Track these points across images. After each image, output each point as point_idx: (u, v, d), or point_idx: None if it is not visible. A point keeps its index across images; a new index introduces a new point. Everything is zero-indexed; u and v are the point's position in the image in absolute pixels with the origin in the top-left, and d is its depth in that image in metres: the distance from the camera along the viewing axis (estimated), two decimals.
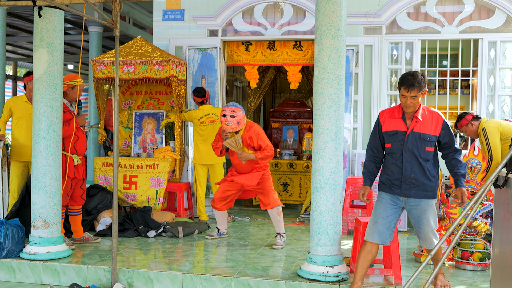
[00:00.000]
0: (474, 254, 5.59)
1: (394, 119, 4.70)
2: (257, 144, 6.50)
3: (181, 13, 8.88)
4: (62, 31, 5.85)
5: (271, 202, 6.57)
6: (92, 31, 12.24)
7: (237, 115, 6.45)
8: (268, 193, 6.59)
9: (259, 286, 5.06)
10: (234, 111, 6.45)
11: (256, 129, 6.57)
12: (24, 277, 5.55)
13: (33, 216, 5.73)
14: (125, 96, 9.09)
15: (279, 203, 6.61)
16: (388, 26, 8.27)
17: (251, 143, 6.53)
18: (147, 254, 6.10)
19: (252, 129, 6.55)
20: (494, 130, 6.44)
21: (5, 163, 6.88)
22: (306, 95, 12.26)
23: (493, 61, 8.04)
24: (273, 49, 8.80)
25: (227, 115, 6.45)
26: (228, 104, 6.57)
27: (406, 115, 4.67)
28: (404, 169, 4.55)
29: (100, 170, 8.26)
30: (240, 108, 6.50)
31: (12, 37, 15.00)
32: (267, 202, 6.59)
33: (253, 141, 6.51)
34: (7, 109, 6.97)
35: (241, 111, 6.50)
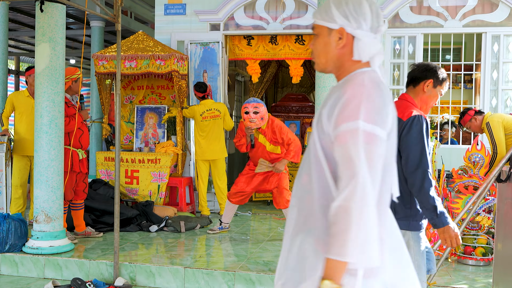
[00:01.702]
0: (477, 249, 5.58)
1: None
2: (280, 137, 6.45)
3: (183, 7, 8.85)
4: (64, 26, 5.83)
5: (284, 202, 6.52)
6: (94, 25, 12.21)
7: (260, 110, 6.39)
8: (282, 193, 6.54)
9: (261, 280, 5.06)
10: (256, 107, 6.39)
11: (279, 124, 6.53)
12: (26, 271, 5.56)
13: (35, 211, 5.73)
14: (126, 90, 9.08)
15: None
16: (391, 20, 8.24)
17: (273, 138, 6.49)
18: (149, 249, 6.11)
19: (275, 123, 6.50)
20: (498, 124, 6.42)
21: (9, 157, 6.89)
22: (308, 89, 12.24)
23: (497, 55, 8.01)
24: (275, 43, 8.77)
25: (250, 112, 6.37)
26: (249, 100, 6.50)
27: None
28: None
29: (102, 165, 8.27)
30: (262, 104, 6.45)
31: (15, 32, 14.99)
32: (280, 202, 6.56)
33: (277, 134, 6.46)
34: (9, 104, 6.98)
35: (263, 106, 6.43)
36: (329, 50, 2.02)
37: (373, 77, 1.96)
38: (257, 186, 6.62)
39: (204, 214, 7.95)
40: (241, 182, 6.66)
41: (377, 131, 1.84)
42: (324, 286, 1.77)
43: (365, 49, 1.97)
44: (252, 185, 6.61)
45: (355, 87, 1.90)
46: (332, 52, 2.02)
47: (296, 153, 6.42)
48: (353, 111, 1.83)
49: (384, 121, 1.88)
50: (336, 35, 2.00)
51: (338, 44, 1.99)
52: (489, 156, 5.73)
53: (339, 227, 1.77)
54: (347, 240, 1.75)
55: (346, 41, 1.99)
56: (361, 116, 1.82)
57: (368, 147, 1.82)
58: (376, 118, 1.85)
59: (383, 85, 1.96)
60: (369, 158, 1.82)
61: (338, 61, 2.03)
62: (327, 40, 2.02)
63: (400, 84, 8.24)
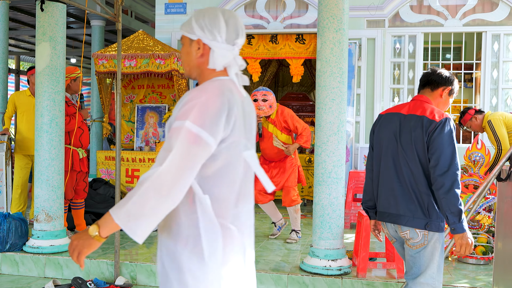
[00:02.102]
0: (477, 248, 5.59)
1: None
2: (293, 125, 6.46)
3: (183, 7, 8.86)
4: (64, 25, 5.84)
5: (289, 201, 6.52)
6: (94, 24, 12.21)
7: (268, 98, 6.38)
8: (289, 192, 6.51)
9: (261, 279, 5.06)
10: (265, 95, 6.38)
11: (290, 112, 6.53)
12: (27, 270, 5.56)
13: (36, 210, 5.74)
14: (127, 90, 9.08)
15: (298, 202, 6.56)
16: (391, 19, 8.24)
17: (286, 126, 6.49)
18: (149, 248, 6.11)
19: (286, 112, 6.50)
20: (499, 121, 6.45)
21: (9, 157, 6.89)
22: (309, 88, 12.23)
23: (497, 54, 8.01)
24: (275, 42, 8.77)
25: (259, 99, 6.37)
26: (258, 88, 6.50)
27: None
28: None
29: (103, 164, 8.27)
30: (270, 92, 6.44)
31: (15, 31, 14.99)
32: (286, 201, 6.54)
33: (289, 124, 6.46)
34: (11, 104, 6.99)
35: (271, 95, 6.43)
36: (191, 59, 2.24)
37: (222, 86, 2.11)
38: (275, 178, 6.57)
39: None
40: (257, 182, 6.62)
41: (202, 135, 1.99)
42: (90, 231, 2.02)
43: (218, 59, 2.17)
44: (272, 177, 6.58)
45: (197, 92, 2.07)
46: (193, 61, 2.23)
47: (307, 138, 6.42)
48: (186, 112, 2.01)
49: (214, 128, 2.02)
50: (195, 45, 2.21)
51: (197, 54, 2.20)
52: (489, 155, 5.74)
53: (129, 194, 2.02)
54: (125, 205, 1.99)
55: (203, 51, 2.19)
56: (190, 118, 1.99)
57: (188, 145, 1.99)
58: (205, 123, 2.00)
59: (231, 94, 2.11)
60: (184, 155, 1.98)
61: (198, 68, 2.23)
62: (189, 49, 2.24)
63: (400, 83, 8.24)
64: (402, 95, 8.23)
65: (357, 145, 8.23)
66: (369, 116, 8.30)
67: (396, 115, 3.43)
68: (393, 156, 3.37)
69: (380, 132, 3.49)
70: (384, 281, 4.88)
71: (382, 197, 3.44)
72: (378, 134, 3.50)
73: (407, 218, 3.27)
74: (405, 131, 3.32)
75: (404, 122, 3.35)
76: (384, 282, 4.87)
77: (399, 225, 3.33)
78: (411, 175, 3.27)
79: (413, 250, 3.31)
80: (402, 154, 3.31)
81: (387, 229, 3.49)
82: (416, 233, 3.27)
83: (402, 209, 3.29)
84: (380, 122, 3.53)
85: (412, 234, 3.28)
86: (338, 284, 4.89)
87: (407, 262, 3.43)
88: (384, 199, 3.41)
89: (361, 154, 8.08)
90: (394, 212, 3.34)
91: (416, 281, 3.32)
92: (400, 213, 3.31)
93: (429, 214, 3.25)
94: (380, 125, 3.51)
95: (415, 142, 3.25)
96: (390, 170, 3.37)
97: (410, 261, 3.36)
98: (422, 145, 3.23)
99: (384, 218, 3.44)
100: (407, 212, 3.28)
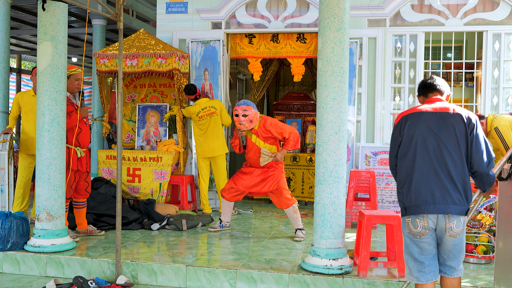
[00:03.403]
0: (478, 247, 5.59)
1: None
2: (278, 134, 6.51)
3: (184, 6, 8.86)
4: (65, 24, 5.84)
5: (285, 202, 6.56)
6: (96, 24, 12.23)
7: (248, 113, 6.46)
8: (282, 194, 6.56)
9: (262, 279, 5.07)
10: (245, 110, 6.46)
11: (272, 121, 6.58)
12: (28, 269, 5.57)
13: (37, 209, 5.75)
14: (128, 89, 9.09)
15: (293, 202, 6.60)
16: (392, 18, 8.24)
17: (271, 136, 6.55)
18: (150, 247, 6.12)
19: (268, 122, 6.56)
20: (506, 128, 6.71)
21: (12, 156, 6.90)
22: (310, 87, 12.23)
23: (498, 53, 8.01)
24: (276, 41, 8.78)
25: (239, 115, 6.47)
26: (239, 103, 6.56)
27: None
28: None
29: (104, 163, 8.28)
30: (251, 106, 6.49)
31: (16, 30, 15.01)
32: (282, 203, 6.59)
33: (273, 133, 6.52)
34: (15, 104, 7.00)
35: (252, 109, 6.49)
36: None
37: None
38: (253, 186, 6.66)
39: (206, 212, 7.96)
40: (236, 179, 6.72)
41: None
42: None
43: None
44: (248, 184, 6.64)
45: None
46: None
47: (295, 142, 6.49)
48: None
49: None
50: None
51: None
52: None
53: None
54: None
55: None
56: None
57: None
58: None
59: None
60: None
61: None
62: None
63: (401, 82, 8.24)
64: (403, 94, 8.23)
65: (358, 144, 8.23)
66: (370, 115, 8.30)
67: (424, 113, 3.83)
68: (434, 149, 3.74)
69: (410, 130, 3.83)
70: (385, 280, 4.89)
71: (422, 190, 3.72)
72: (408, 132, 3.84)
73: (456, 207, 3.64)
74: (446, 126, 3.73)
75: (440, 118, 3.77)
76: (385, 282, 4.87)
77: (449, 214, 3.65)
78: (455, 166, 3.69)
79: (456, 238, 3.69)
80: (445, 147, 3.72)
81: (424, 222, 3.71)
82: (460, 221, 3.67)
83: (450, 199, 3.65)
84: (407, 121, 3.87)
85: (458, 223, 3.65)
86: (339, 283, 4.90)
87: (448, 252, 3.75)
88: (426, 192, 3.70)
89: (362, 153, 8.08)
90: (442, 203, 3.66)
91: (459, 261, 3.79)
92: (449, 203, 3.65)
93: (468, 201, 3.71)
94: (409, 124, 3.84)
95: (459, 136, 3.71)
96: (431, 163, 3.73)
97: (454, 249, 3.73)
98: (465, 138, 3.72)
99: (429, 210, 3.69)
100: (456, 201, 3.65)
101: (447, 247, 3.75)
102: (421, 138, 3.77)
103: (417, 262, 3.81)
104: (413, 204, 3.73)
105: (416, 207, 3.72)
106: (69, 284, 4.97)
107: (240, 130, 6.63)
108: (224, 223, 7.03)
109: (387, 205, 7.83)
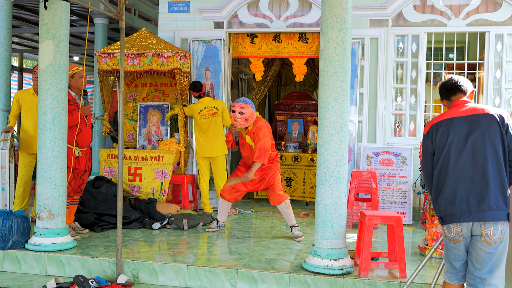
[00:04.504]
0: None
1: None
2: (256, 138, 6.49)
3: (186, 5, 8.86)
4: (67, 23, 5.84)
5: (277, 198, 6.58)
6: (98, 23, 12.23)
7: (245, 112, 6.44)
8: (274, 190, 6.59)
9: (263, 278, 5.06)
10: (243, 108, 6.45)
11: (261, 126, 6.54)
12: (29, 268, 5.57)
13: (39, 208, 5.75)
14: (130, 88, 9.09)
15: (285, 197, 6.60)
16: (394, 18, 8.23)
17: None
18: (151, 246, 6.12)
19: (258, 125, 6.55)
20: None
21: (13, 154, 6.90)
22: (312, 87, 12.22)
23: (500, 54, 8.00)
24: (278, 41, 8.77)
25: (236, 111, 6.47)
26: (239, 100, 6.56)
27: None
28: None
29: (105, 162, 8.28)
30: (249, 105, 6.48)
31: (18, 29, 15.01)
32: (274, 199, 6.61)
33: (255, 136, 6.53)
34: (15, 103, 7.00)
35: (250, 108, 6.48)
36: None
37: None
38: (252, 186, 6.68)
39: (207, 211, 7.96)
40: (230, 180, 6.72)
41: None
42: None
43: None
44: (247, 185, 6.64)
45: None
46: None
47: (259, 154, 6.37)
48: None
49: None
50: None
51: None
52: None
53: None
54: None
55: None
56: None
57: None
58: None
59: None
60: None
61: None
62: None
63: (403, 82, 8.23)
64: (405, 95, 8.22)
65: (359, 144, 8.22)
66: (371, 116, 8.28)
67: (455, 119, 3.68)
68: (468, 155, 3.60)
69: (442, 138, 3.69)
70: (386, 281, 4.88)
71: (457, 199, 3.59)
72: (441, 141, 3.70)
73: (493, 213, 3.50)
74: (478, 129, 3.59)
75: (472, 122, 3.62)
76: (386, 282, 4.86)
77: (485, 221, 3.51)
78: (491, 169, 3.54)
79: (491, 246, 3.52)
80: (479, 151, 3.57)
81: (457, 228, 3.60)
82: (498, 228, 3.50)
83: (486, 205, 3.51)
84: (438, 130, 3.73)
85: (495, 230, 3.50)
86: (340, 284, 4.89)
87: (481, 261, 3.56)
88: (461, 200, 3.58)
89: (364, 153, 8.07)
90: (477, 211, 3.53)
91: (493, 275, 3.55)
92: (484, 210, 3.51)
93: (507, 204, 3.55)
94: (441, 133, 3.71)
95: (494, 137, 3.56)
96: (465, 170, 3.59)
97: (486, 257, 3.54)
98: (501, 138, 3.57)
99: (464, 219, 3.56)
100: (492, 206, 3.51)
101: (480, 254, 3.57)
102: (454, 146, 3.64)
103: (451, 266, 3.75)
104: (448, 213, 3.62)
105: (452, 216, 3.60)
106: (70, 283, 4.97)
107: (234, 126, 6.68)
108: (221, 223, 7.03)
109: (388, 205, 7.82)
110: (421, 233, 7.09)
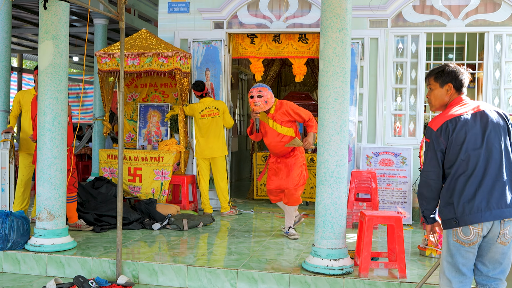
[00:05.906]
0: None
1: None
2: (296, 114, 6.49)
3: (186, 6, 8.86)
4: (67, 23, 5.84)
5: (292, 200, 6.56)
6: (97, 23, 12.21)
7: (263, 94, 6.44)
8: (294, 193, 6.53)
9: (263, 279, 5.06)
10: (260, 91, 6.45)
11: (288, 103, 6.57)
12: (29, 269, 5.57)
13: (38, 208, 5.75)
14: (129, 88, 9.09)
15: (299, 202, 6.61)
16: (394, 19, 8.23)
17: (290, 118, 6.51)
18: (151, 247, 6.12)
19: (284, 104, 6.55)
20: None
21: (13, 155, 6.90)
22: (311, 88, 12.23)
23: (499, 54, 8.00)
24: (278, 41, 8.77)
25: (254, 96, 6.45)
26: (254, 85, 6.59)
27: None
28: None
29: (105, 162, 8.28)
30: (266, 88, 6.49)
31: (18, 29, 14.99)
32: (289, 200, 6.58)
33: (291, 114, 6.50)
34: (16, 103, 7.00)
35: (267, 90, 6.48)
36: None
37: None
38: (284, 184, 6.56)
39: (207, 212, 7.96)
40: (269, 182, 6.67)
41: None
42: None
43: None
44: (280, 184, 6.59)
45: None
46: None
47: (316, 123, 6.37)
48: None
49: None
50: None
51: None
52: None
53: None
54: None
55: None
56: None
57: None
58: None
59: None
60: None
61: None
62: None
63: (403, 83, 8.23)
64: (404, 95, 8.22)
65: (359, 144, 8.22)
66: (371, 116, 8.29)
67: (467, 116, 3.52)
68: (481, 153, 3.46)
69: (459, 135, 3.49)
70: (386, 281, 4.88)
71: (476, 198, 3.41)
72: (458, 138, 3.49)
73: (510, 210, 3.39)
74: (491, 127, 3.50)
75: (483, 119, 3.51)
76: (386, 282, 4.87)
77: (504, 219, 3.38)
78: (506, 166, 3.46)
79: (505, 246, 3.42)
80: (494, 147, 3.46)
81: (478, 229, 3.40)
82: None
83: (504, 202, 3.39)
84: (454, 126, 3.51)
85: (510, 229, 3.40)
86: (340, 284, 4.90)
87: (495, 262, 3.47)
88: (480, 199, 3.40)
89: (364, 153, 8.08)
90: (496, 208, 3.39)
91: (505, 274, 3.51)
92: (503, 207, 3.39)
93: None
94: (458, 129, 3.49)
95: (504, 134, 3.51)
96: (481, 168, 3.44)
97: (501, 258, 3.46)
98: (508, 135, 3.55)
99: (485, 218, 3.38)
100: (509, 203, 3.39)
101: (495, 255, 3.45)
102: (472, 143, 3.46)
103: (459, 273, 3.49)
104: (467, 213, 3.40)
105: (471, 216, 3.39)
106: (70, 284, 4.97)
107: (254, 112, 6.53)
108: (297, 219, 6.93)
109: (388, 205, 7.83)
110: (421, 233, 7.09)
